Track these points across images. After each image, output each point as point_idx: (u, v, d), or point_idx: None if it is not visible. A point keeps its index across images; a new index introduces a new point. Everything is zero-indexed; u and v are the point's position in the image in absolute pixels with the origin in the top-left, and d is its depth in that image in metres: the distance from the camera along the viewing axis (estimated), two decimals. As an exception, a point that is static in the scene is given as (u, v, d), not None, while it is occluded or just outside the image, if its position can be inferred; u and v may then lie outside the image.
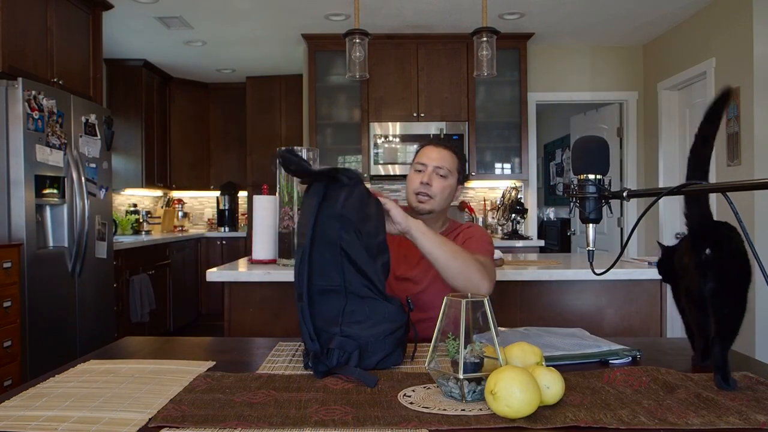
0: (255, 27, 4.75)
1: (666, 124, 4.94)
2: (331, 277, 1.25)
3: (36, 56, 3.35)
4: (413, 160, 1.85)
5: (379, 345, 1.22)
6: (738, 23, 3.94)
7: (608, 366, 1.25)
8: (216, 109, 6.61)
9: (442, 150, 1.80)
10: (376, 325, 1.24)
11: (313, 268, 1.24)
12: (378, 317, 1.25)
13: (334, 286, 1.25)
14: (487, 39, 2.73)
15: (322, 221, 1.25)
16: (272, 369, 1.24)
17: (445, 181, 1.78)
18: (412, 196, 1.80)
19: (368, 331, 1.23)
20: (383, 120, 4.95)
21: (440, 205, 1.80)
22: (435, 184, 1.76)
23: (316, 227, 1.25)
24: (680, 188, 1.10)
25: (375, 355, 1.22)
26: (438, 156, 1.78)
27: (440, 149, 1.80)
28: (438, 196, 1.77)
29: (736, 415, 0.93)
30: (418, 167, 1.80)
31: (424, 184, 1.75)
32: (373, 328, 1.23)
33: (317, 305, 1.24)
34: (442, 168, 1.77)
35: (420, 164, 1.80)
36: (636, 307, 2.55)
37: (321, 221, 1.25)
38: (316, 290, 1.24)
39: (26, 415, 0.95)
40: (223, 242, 6.24)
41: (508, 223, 4.92)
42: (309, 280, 1.23)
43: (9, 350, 2.86)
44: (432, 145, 1.83)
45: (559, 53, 5.35)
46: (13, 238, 3.03)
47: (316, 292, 1.24)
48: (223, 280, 2.41)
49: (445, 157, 1.79)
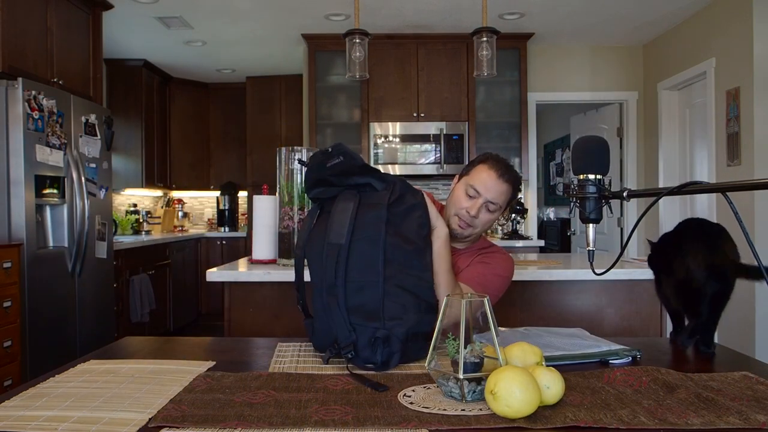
0: (255, 27, 4.75)
1: (666, 124, 4.94)
2: (369, 273, 1.27)
3: (36, 56, 3.35)
4: (467, 172, 1.67)
5: (416, 341, 1.26)
6: (738, 23, 3.94)
7: (608, 366, 1.25)
8: (216, 109, 6.61)
9: (502, 184, 1.61)
10: (413, 319, 1.27)
11: (350, 263, 1.27)
12: (412, 312, 1.28)
13: (371, 281, 1.27)
14: (487, 39, 2.73)
15: (365, 220, 1.30)
16: (282, 368, 1.24)
17: (492, 215, 1.64)
18: (453, 214, 1.65)
19: (404, 327, 1.25)
20: (383, 120, 4.96)
21: (478, 235, 1.70)
22: (482, 217, 1.62)
23: (356, 224, 1.29)
24: (680, 188, 1.10)
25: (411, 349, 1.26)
26: (497, 189, 1.61)
27: (501, 182, 1.61)
28: (479, 228, 1.65)
29: (736, 415, 0.93)
30: (471, 192, 1.62)
31: (471, 217, 1.61)
32: (410, 324, 1.26)
33: (350, 300, 1.27)
34: (495, 204, 1.62)
35: (474, 190, 1.61)
36: (636, 307, 2.55)
37: (362, 219, 1.30)
38: (351, 286, 1.27)
39: (26, 415, 0.95)
40: (223, 242, 6.24)
41: (508, 223, 4.92)
42: (345, 275, 1.26)
43: (9, 350, 2.86)
44: (495, 172, 1.62)
45: (559, 53, 5.35)
46: (13, 238, 3.03)
47: (352, 288, 1.27)
48: (223, 280, 2.41)
49: (503, 192, 1.62)
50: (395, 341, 1.23)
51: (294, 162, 2.34)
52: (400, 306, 1.27)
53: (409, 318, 1.27)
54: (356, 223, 1.29)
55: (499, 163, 1.64)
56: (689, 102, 4.75)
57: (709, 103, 4.27)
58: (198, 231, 6.46)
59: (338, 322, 1.25)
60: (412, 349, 1.26)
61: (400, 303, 1.27)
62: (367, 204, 1.32)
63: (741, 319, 3.80)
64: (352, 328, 1.24)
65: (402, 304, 1.27)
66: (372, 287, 1.26)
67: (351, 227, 1.28)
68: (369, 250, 1.28)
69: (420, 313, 1.29)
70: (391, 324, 1.25)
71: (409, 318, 1.27)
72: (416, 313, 1.28)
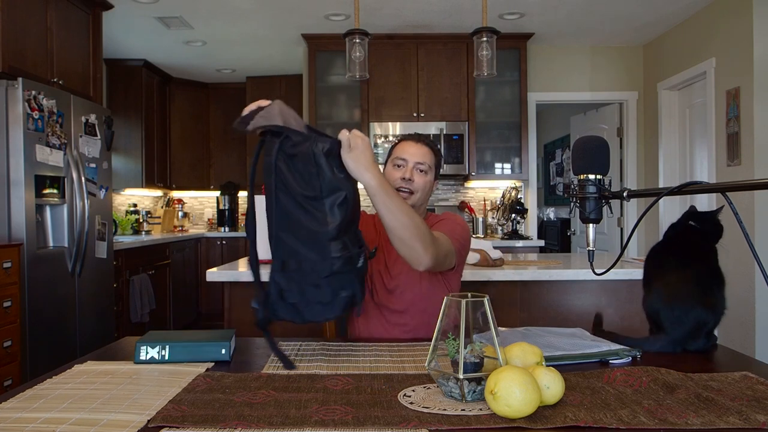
0: (255, 27, 4.75)
1: (666, 124, 4.94)
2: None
3: (36, 56, 3.34)
4: (389, 156, 1.83)
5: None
6: (738, 23, 3.94)
7: (608, 366, 1.25)
8: (216, 109, 6.61)
9: (422, 146, 1.79)
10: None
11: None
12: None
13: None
14: (487, 39, 2.72)
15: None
16: (276, 369, 1.24)
17: (425, 176, 1.77)
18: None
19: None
20: (383, 120, 4.95)
21: (421, 200, 1.79)
22: (416, 179, 1.75)
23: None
24: (680, 188, 1.10)
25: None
26: (418, 152, 1.77)
27: (420, 145, 1.79)
28: (420, 192, 1.76)
29: (736, 415, 0.93)
30: (398, 162, 1.77)
31: (406, 180, 1.74)
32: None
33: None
34: (423, 164, 1.76)
35: (400, 159, 1.77)
36: (636, 307, 2.54)
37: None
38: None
39: (24, 417, 0.95)
40: (223, 242, 6.24)
41: (508, 223, 4.92)
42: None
43: (9, 350, 2.86)
44: (411, 140, 1.81)
45: (559, 53, 5.35)
46: (13, 238, 3.03)
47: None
48: (223, 280, 2.41)
49: (426, 153, 1.78)
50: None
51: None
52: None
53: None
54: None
55: (412, 135, 1.83)
56: (689, 102, 4.74)
57: (709, 103, 4.27)
58: (198, 231, 6.46)
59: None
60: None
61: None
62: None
63: (741, 319, 3.80)
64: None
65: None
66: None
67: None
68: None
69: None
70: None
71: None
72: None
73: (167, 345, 1.28)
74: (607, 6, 4.35)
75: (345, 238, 1.30)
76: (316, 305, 1.28)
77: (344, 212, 1.28)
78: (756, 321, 3.72)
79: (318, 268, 1.27)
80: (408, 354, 1.37)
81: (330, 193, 1.28)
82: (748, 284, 3.73)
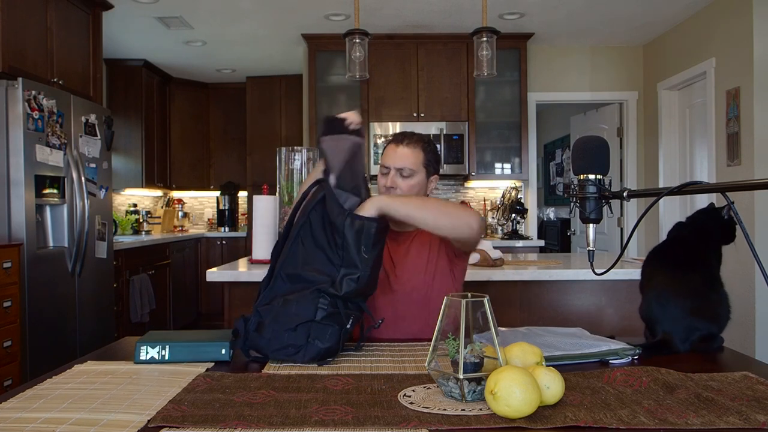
0: (255, 27, 4.75)
1: (666, 124, 4.94)
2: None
3: (36, 56, 3.34)
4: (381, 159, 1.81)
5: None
6: (738, 23, 3.94)
7: (608, 366, 1.25)
8: (216, 109, 6.61)
9: (403, 149, 1.72)
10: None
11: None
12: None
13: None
14: (487, 39, 2.72)
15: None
16: (277, 369, 1.24)
17: (411, 180, 1.72)
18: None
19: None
20: (383, 120, 4.95)
21: None
22: (399, 183, 1.71)
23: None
24: (680, 188, 1.10)
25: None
26: (399, 156, 1.72)
27: (401, 148, 1.73)
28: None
29: (736, 415, 0.93)
30: (383, 170, 1.75)
31: (388, 187, 1.72)
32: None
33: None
34: (404, 169, 1.71)
35: (384, 167, 1.74)
36: (636, 307, 2.54)
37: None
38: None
39: (24, 417, 0.95)
40: (223, 242, 6.24)
41: (508, 223, 4.92)
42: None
43: (9, 350, 2.86)
44: (393, 143, 1.75)
45: (559, 53, 5.35)
46: (13, 238, 3.03)
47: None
48: (223, 280, 2.41)
49: (407, 156, 1.72)
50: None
51: (294, 162, 2.34)
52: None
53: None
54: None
55: (398, 135, 1.77)
56: (689, 102, 4.74)
57: (709, 103, 4.27)
58: (198, 231, 6.46)
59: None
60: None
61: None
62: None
63: (741, 319, 3.80)
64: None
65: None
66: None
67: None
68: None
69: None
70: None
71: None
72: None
73: (167, 345, 1.28)
74: (607, 6, 4.35)
75: (338, 300, 1.32)
76: (288, 348, 1.27)
77: (351, 288, 1.31)
78: (756, 321, 3.72)
79: (301, 312, 1.28)
80: (408, 354, 1.37)
81: (347, 266, 1.32)
82: (748, 284, 3.73)
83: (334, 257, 1.32)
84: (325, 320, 1.28)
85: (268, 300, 1.34)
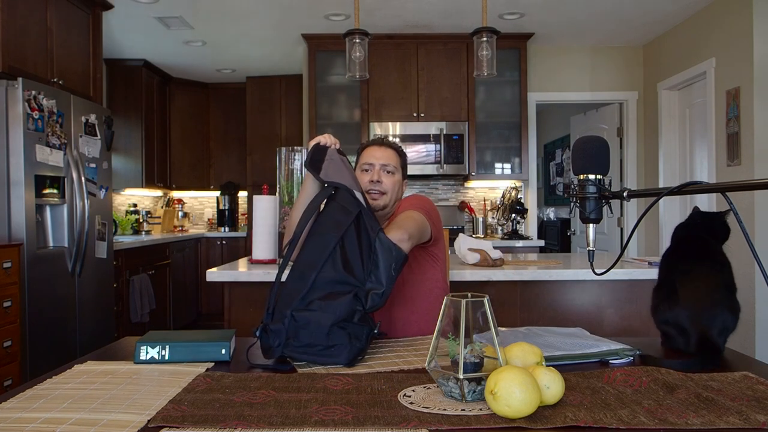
0: (255, 27, 4.75)
1: (666, 124, 4.94)
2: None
3: (36, 56, 3.34)
4: (357, 163, 1.92)
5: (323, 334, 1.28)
6: (738, 23, 3.94)
7: (608, 366, 1.25)
8: (216, 109, 6.61)
9: (386, 149, 1.89)
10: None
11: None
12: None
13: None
14: (487, 39, 2.72)
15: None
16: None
17: (393, 176, 1.87)
18: (366, 193, 1.85)
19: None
20: (383, 120, 4.95)
21: (392, 199, 1.88)
22: (385, 180, 1.85)
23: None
24: (680, 188, 1.10)
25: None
26: (383, 155, 1.87)
27: (384, 148, 1.89)
28: (389, 192, 1.86)
29: (736, 415, 0.93)
30: (365, 167, 1.87)
31: (375, 182, 1.83)
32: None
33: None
34: (388, 165, 1.86)
35: (366, 164, 1.87)
36: (636, 307, 2.55)
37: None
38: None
39: (24, 417, 0.95)
40: (223, 242, 6.24)
41: (508, 223, 4.92)
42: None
43: (9, 350, 2.86)
44: (375, 145, 1.91)
45: (559, 53, 5.35)
46: (13, 238, 3.03)
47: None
48: (223, 280, 2.41)
49: (390, 155, 1.88)
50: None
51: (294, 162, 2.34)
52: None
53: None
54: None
55: (376, 140, 1.94)
56: (689, 102, 4.75)
57: (709, 103, 4.27)
58: (198, 231, 6.46)
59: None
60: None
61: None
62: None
63: (741, 319, 3.79)
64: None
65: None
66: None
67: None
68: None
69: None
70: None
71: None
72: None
73: (167, 345, 1.28)
74: (607, 6, 4.35)
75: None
76: (333, 347, 1.27)
77: (375, 303, 1.35)
78: (756, 321, 3.72)
79: (341, 313, 1.29)
80: (408, 354, 1.37)
81: (374, 281, 1.37)
82: (748, 284, 3.73)
83: (366, 266, 1.38)
84: (359, 321, 1.32)
85: (304, 305, 1.32)
